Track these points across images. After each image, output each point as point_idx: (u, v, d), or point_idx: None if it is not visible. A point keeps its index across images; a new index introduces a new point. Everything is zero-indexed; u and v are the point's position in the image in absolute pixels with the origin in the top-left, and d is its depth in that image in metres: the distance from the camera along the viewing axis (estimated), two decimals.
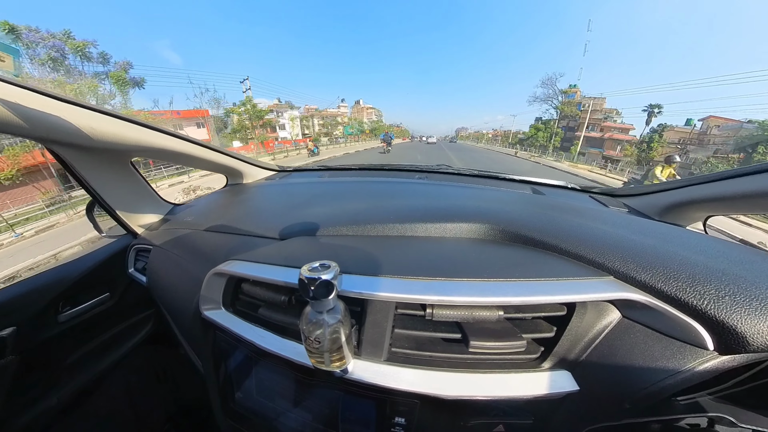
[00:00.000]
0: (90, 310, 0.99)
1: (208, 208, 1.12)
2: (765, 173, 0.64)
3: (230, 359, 0.60)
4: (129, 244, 1.07)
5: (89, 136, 0.68)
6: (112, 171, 0.91)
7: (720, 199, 0.75)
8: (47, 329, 0.89)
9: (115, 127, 0.73)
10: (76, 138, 0.68)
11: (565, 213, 0.70)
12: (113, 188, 0.93)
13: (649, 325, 0.41)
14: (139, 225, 1.06)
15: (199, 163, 1.11)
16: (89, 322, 0.99)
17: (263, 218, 0.88)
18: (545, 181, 1.27)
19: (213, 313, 0.59)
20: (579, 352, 0.42)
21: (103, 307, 1.03)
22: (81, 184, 0.85)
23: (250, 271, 0.53)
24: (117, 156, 0.89)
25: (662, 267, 0.42)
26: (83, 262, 1.00)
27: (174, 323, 0.91)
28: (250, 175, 1.37)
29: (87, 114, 0.66)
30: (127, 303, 1.11)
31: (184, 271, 0.78)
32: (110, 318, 1.07)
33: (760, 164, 0.65)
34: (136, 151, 0.88)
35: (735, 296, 0.37)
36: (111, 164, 0.90)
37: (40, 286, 0.87)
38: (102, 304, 1.03)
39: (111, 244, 1.09)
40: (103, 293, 1.04)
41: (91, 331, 1.02)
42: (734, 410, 0.42)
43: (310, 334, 0.38)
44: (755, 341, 0.35)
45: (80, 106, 0.65)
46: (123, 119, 0.75)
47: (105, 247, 1.08)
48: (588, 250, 0.48)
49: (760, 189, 0.64)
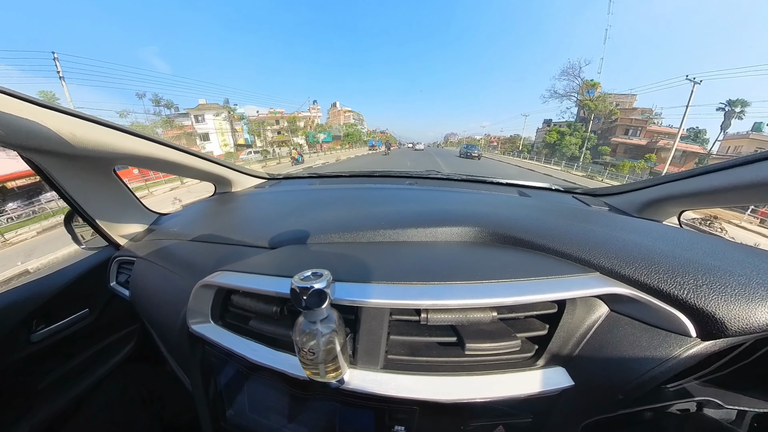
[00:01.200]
0: (67, 328, 0.94)
1: (196, 217, 1.09)
2: (731, 169, 0.69)
3: (220, 375, 0.58)
4: (111, 256, 1.02)
5: (70, 143, 0.65)
6: (93, 179, 0.87)
7: (692, 194, 0.80)
8: (19, 350, 0.83)
9: (97, 134, 0.70)
10: (56, 145, 0.64)
11: (551, 214, 0.72)
12: (94, 197, 0.89)
13: (635, 317, 0.43)
14: (121, 236, 1.02)
15: (186, 171, 1.08)
16: (66, 341, 0.94)
17: (253, 227, 0.86)
18: (531, 183, 1.31)
19: (201, 327, 0.57)
20: (572, 348, 0.43)
21: (81, 324, 0.97)
22: (59, 193, 0.81)
23: (240, 282, 0.52)
24: (99, 163, 0.86)
25: (644, 261, 0.44)
26: (60, 276, 0.95)
27: (159, 339, 0.87)
28: (239, 183, 1.35)
29: (67, 120, 0.64)
30: (109, 319, 1.06)
31: (170, 283, 0.75)
32: (90, 336, 1.01)
33: (726, 161, 0.70)
34: (119, 159, 0.84)
35: (711, 285, 0.39)
36: (92, 172, 0.86)
37: (11, 303, 0.82)
38: (81, 321, 0.97)
39: (91, 257, 1.04)
40: (82, 309, 0.98)
41: (69, 350, 0.97)
42: (720, 393, 0.44)
43: (303, 345, 0.37)
44: (732, 326, 0.37)
45: (60, 111, 0.62)
46: (106, 125, 0.72)
47: (84, 259, 1.03)
48: (574, 248, 0.50)
49: (728, 184, 0.69)
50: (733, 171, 0.68)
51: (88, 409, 0.96)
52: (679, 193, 0.83)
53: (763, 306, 0.37)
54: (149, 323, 0.90)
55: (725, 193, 0.71)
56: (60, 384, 0.93)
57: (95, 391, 0.99)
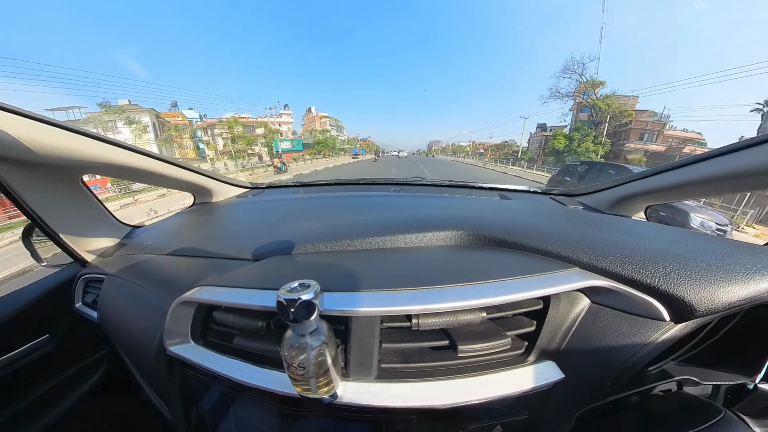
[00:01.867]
0: (23, 357, 0.84)
1: (173, 229, 1.03)
2: (688, 166, 0.76)
3: (203, 400, 0.54)
4: (76, 274, 0.94)
5: (30, 149, 0.60)
6: (57, 190, 0.80)
7: (656, 190, 0.88)
8: None
9: (62, 140, 0.65)
10: (14, 152, 0.59)
11: (532, 215, 0.76)
12: (58, 210, 0.82)
13: (615, 307, 0.45)
14: (89, 251, 0.94)
15: (163, 181, 1.03)
16: (23, 373, 0.84)
17: (235, 238, 0.83)
18: (511, 187, 1.37)
19: (180, 348, 0.54)
20: (559, 341, 0.46)
21: (41, 352, 0.88)
22: (17, 205, 0.74)
23: (222, 297, 0.49)
24: (64, 173, 0.79)
25: (618, 254, 0.47)
26: (15, 298, 0.86)
27: (133, 364, 0.80)
28: (220, 193, 1.30)
29: (28, 124, 0.59)
30: (73, 345, 0.96)
31: (144, 302, 0.70)
32: (51, 365, 0.92)
33: (684, 159, 0.78)
34: (88, 168, 0.78)
35: (679, 272, 0.43)
36: (56, 182, 0.79)
37: None
38: (40, 349, 0.88)
39: (53, 275, 0.95)
40: (42, 335, 0.89)
41: (25, 383, 0.87)
42: (696, 371, 0.48)
43: (293, 360, 0.36)
44: (700, 307, 0.40)
45: (20, 114, 0.57)
46: (73, 131, 0.67)
47: (45, 279, 0.94)
48: (555, 246, 0.53)
49: (686, 180, 0.77)
50: (691, 168, 0.75)
51: None
52: (644, 190, 0.91)
53: (724, 287, 0.40)
54: (121, 347, 0.83)
55: (684, 188, 0.79)
56: (15, 422, 0.83)
57: (57, 428, 0.89)
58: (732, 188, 0.71)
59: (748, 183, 0.64)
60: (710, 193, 0.80)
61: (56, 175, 0.78)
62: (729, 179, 0.65)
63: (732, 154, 0.63)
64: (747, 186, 0.69)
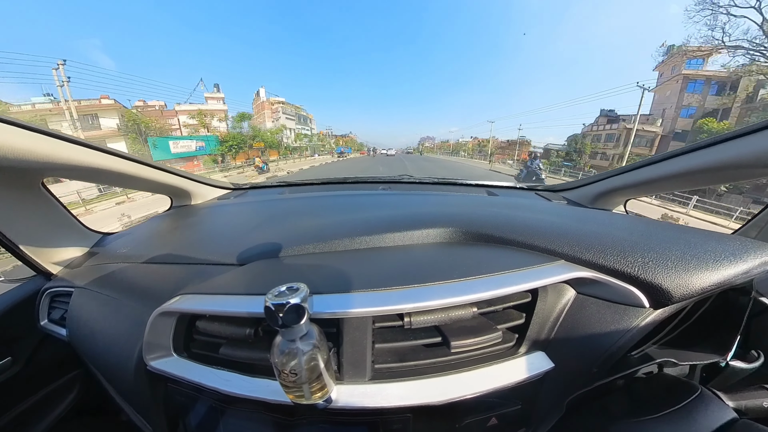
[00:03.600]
0: None
1: (149, 235, 0.98)
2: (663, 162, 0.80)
3: (189, 415, 0.52)
4: (40, 289, 0.86)
5: None
6: (13, 196, 0.73)
7: (634, 185, 0.93)
8: None
9: (19, 140, 0.58)
10: None
11: (518, 210, 0.77)
12: (16, 218, 0.75)
13: (599, 296, 0.48)
14: (53, 262, 0.87)
15: (136, 183, 0.96)
16: None
17: (217, 243, 0.79)
18: (497, 183, 1.40)
19: (162, 362, 0.51)
20: (548, 332, 0.47)
21: (2, 376, 0.80)
22: None
23: (206, 306, 0.47)
24: (22, 176, 0.72)
25: (600, 246, 0.49)
26: None
27: (110, 384, 0.75)
28: (200, 195, 1.24)
29: None
30: (40, 367, 0.88)
31: (119, 315, 0.66)
32: (14, 390, 0.84)
33: (660, 154, 0.82)
34: (49, 170, 0.72)
35: (656, 261, 0.45)
36: (12, 187, 0.72)
37: None
38: (1, 374, 0.80)
39: (11, 292, 0.87)
40: (2, 359, 0.81)
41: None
42: (674, 353, 0.51)
43: (283, 367, 0.34)
44: (676, 293, 0.43)
45: None
46: (32, 129, 0.60)
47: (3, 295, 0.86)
48: (540, 239, 0.55)
49: (661, 174, 0.82)
50: (666, 163, 0.79)
51: None
52: (623, 185, 0.96)
53: (697, 274, 0.43)
54: (95, 366, 0.77)
55: (661, 182, 0.84)
56: None
57: None
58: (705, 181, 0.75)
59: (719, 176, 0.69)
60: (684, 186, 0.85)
61: (12, 179, 0.71)
62: (702, 173, 0.70)
63: (706, 149, 0.68)
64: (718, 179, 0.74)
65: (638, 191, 0.98)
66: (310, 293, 0.35)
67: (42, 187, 0.80)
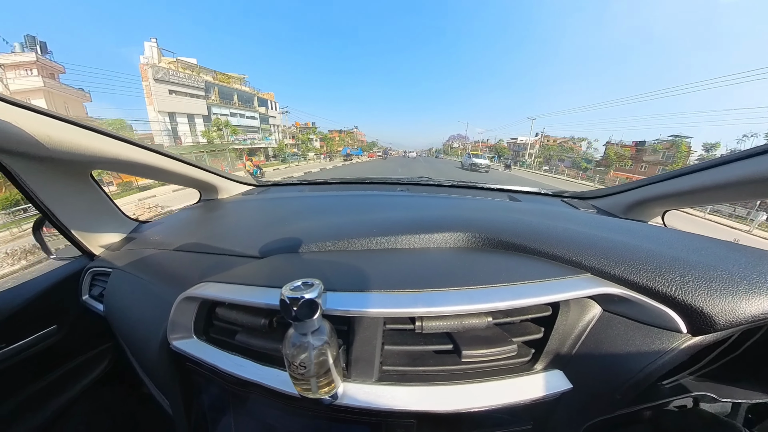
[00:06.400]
0: (31, 347, 0.86)
1: (179, 225, 1.04)
2: (713, 168, 0.71)
3: (203, 395, 0.54)
4: (84, 267, 0.95)
5: (44, 145, 0.62)
6: (68, 184, 0.82)
7: (675, 194, 0.83)
8: None
9: (74, 136, 0.67)
10: (28, 147, 0.61)
11: (541, 217, 0.73)
12: (68, 204, 0.84)
13: (628, 316, 0.43)
14: (97, 245, 0.96)
15: (170, 177, 1.04)
16: (29, 362, 0.86)
17: (240, 235, 0.83)
18: (520, 188, 1.34)
19: (183, 343, 0.54)
20: (568, 350, 0.44)
21: (47, 342, 0.90)
22: (29, 198, 0.76)
23: (226, 294, 0.49)
24: (75, 168, 0.81)
25: (632, 260, 0.45)
26: (25, 289, 0.87)
27: (136, 357, 0.81)
28: (226, 190, 1.31)
29: (43, 120, 0.61)
30: (79, 336, 0.98)
31: (149, 296, 0.71)
32: (56, 356, 0.93)
33: (709, 161, 0.73)
34: (97, 163, 0.80)
35: (697, 281, 0.40)
36: (67, 177, 0.81)
37: None
38: (47, 339, 0.89)
39: (61, 268, 0.97)
40: (49, 326, 0.91)
41: (32, 372, 0.88)
42: (714, 387, 0.45)
43: (294, 359, 0.35)
44: (720, 320, 0.38)
45: (35, 111, 0.60)
46: (85, 127, 0.69)
47: (54, 271, 0.96)
48: (565, 250, 0.51)
49: (710, 183, 0.72)
50: (716, 170, 0.70)
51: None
52: (662, 194, 0.87)
53: (747, 298, 0.38)
54: (124, 340, 0.84)
55: (707, 192, 0.74)
56: (20, 411, 0.84)
57: (61, 417, 0.90)
58: (763, 193, 0.65)
59: None
60: (741, 198, 0.73)
61: (66, 170, 0.80)
62: (760, 184, 0.61)
63: (764, 155, 0.59)
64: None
65: (680, 202, 0.87)
66: (325, 290, 0.36)
67: (91, 178, 0.89)
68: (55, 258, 0.99)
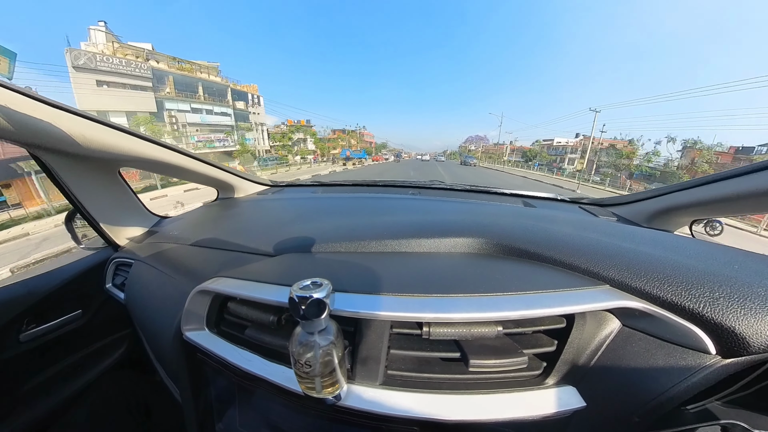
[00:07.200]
0: (58, 329, 0.92)
1: (197, 221, 1.09)
2: (747, 175, 0.66)
3: (211, 385, 0.56)
4: (109, 257, 1.01)
5: (79, 143, 0.68)
6: (98, 180, 0.88)
7: (703, 203, 0.77)
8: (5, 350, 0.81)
9: (106, 136, 0.72)
10: (65, 145, 0.66)
11: (558, 224, 0.70)
12: (97, 198, 0.90)
13: (649, 332, 0.40)
14: (122, 237, 1.02)
15: (190, 176, 1.09)
16: (55, 343, 0.92)
17: (254, 233, 0.86)
18: (536, 194, 1.30)
19: (195, 334, 0.55)
20: (582, 365, 0.41)
21: (73, 325, 0.96)
22: (63, 192, 0.82)
23: (237, 290, 0.51)
24: (105, 165, 0.87)
25: (656, 273, 0.42)
26: (56, 275, 0.94)
27: (150, 345, 0.85)
28: (242, 189, 1.36)
29: (78, 121, 0.66)
30: (101, 322, 1.04)
31: (166, 287, 0.74)
32: (79, 338, 0.99)
33: (742, 167, 0.67)
34: (125, 161, 0.86)
35: (730, 297, 0.37)
36: (98, 173, 0.87)
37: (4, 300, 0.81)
38: (72, 323, 0.95)
39: (89, 257, 1.03)
40: (75, 310, 0.97)
41: (56, 353, 0.94)
42: (747, 415, 0.41)
43: (300, 357, 0.36)
44: (755, 342, 0.34)
45: (72, 112, 0.65)
46: (116, 128, 0.74)
47: (82, 259, 1.02)
48: (582, 259, 0.49)
49: (744, 191, 0.66)
50: (749, 177, 0.65)
51: (70, 416, 0.92)
52: (689, 202, 0.81)
53: None
54: (141, 329, 0.88)
55: (740, 201, 0.68)
56: (44, 388, 0.90)
57: (80, 397, 0.95)
58: None
59: None
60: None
61: (97, 167, 0.86)
62: None
63: None
64: None
65: (710, 211, 0.80)
66: (333, 290, 0.36)
67: (119, 175, 0.95)
68: (83, 247, 1.06)
